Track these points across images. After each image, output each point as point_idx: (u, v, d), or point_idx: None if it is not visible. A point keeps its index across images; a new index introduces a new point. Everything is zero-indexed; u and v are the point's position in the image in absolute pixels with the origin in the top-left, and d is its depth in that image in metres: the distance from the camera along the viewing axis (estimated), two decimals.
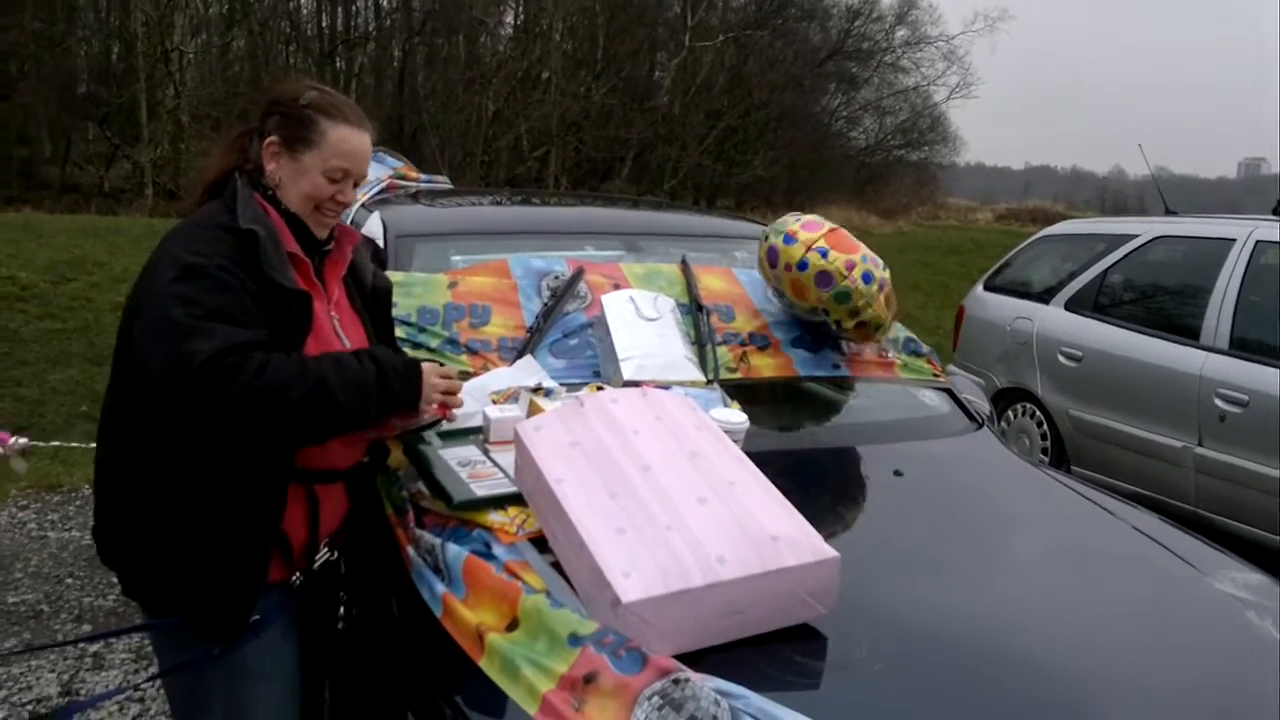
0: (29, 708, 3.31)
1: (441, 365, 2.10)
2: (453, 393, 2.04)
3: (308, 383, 1.75)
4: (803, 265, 2.80)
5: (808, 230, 2.85)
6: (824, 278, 2.79)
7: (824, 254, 2.79)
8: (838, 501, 2.48)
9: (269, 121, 1.96)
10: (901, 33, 38.31)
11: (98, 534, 1.93)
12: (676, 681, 1.49)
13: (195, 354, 1.65)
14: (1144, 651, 1.87)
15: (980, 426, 3.01)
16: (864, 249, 2.87)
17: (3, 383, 6.87)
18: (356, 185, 2.01)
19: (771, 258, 2.89)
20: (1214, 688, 1.79)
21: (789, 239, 2.85)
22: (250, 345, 1.71)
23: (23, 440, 2.51)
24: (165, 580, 1.84)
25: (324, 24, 29.45)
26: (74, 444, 3.91)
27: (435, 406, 2.02)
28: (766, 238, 2.93)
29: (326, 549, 2.06)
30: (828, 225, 2.88)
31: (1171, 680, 1.79)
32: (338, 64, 28.74)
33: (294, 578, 1.98)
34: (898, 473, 2.57)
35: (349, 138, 1.95)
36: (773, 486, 1.90)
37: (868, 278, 2.80)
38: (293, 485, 1.89)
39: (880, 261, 2.88)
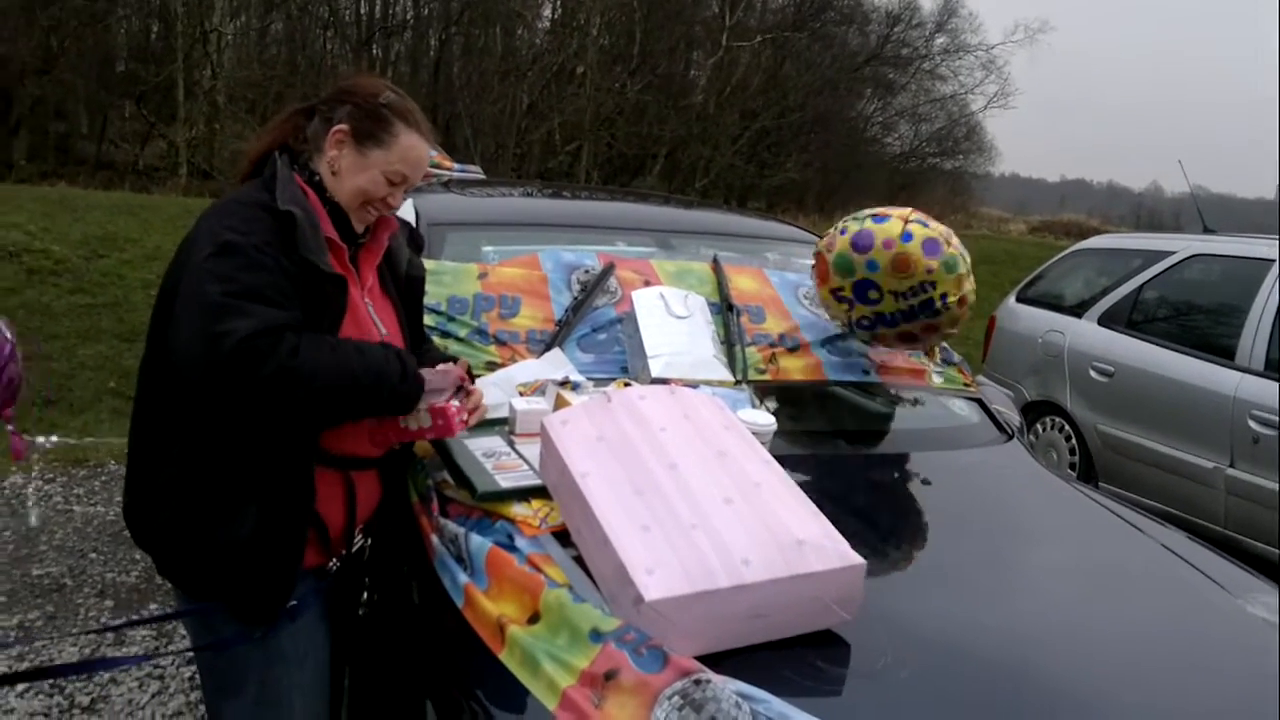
0: (50, 682, 3.32)
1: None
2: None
3: (338, 369, 1.75)
4: (906, 236, 2.67)
5: (891, 208, 2.78)
6: (931, 245, 2.68)
7: (924, 224, 2.71)
8: (864, 508, 2.46)
9: (340, 110, 1.95)
10: (941, 40, 38.20)
11: (130, 516, 1.93)
12: (698, 682, 1.47)
13: (230, 333, 1.65)
14: (1171, 673, 1.84)
15: (1010, 438, 2.97)
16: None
17: (33, 356, 6.92)
18: (406, 192, 2.02)
19: (863, 241, 2.73)
20: (1243, 713, 1.76)
21: (879, 218, 2.75)
22: (285, 327, 1.71)
23: (52, 439, 2.49)
24: (203, 564, 1.84)
25: (362, 11, 29.57)
26: (77, 440, 3.92)
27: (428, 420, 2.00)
28: (845, 229, 2.81)
29: (361, 535, 2.06)
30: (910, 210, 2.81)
31: (1198, 703, 1.76)
32: (374, 51, 28.87)
33: (331, 563, 1.98)
34: (925, 481, 2.54)
35: (417, 146, 1.96)
36: (799, 490, 1.88)
37: (963, 258, 2.75)
38: (330, 471, 1.89)
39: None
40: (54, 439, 2.57)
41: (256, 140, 2.04)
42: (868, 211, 2.81)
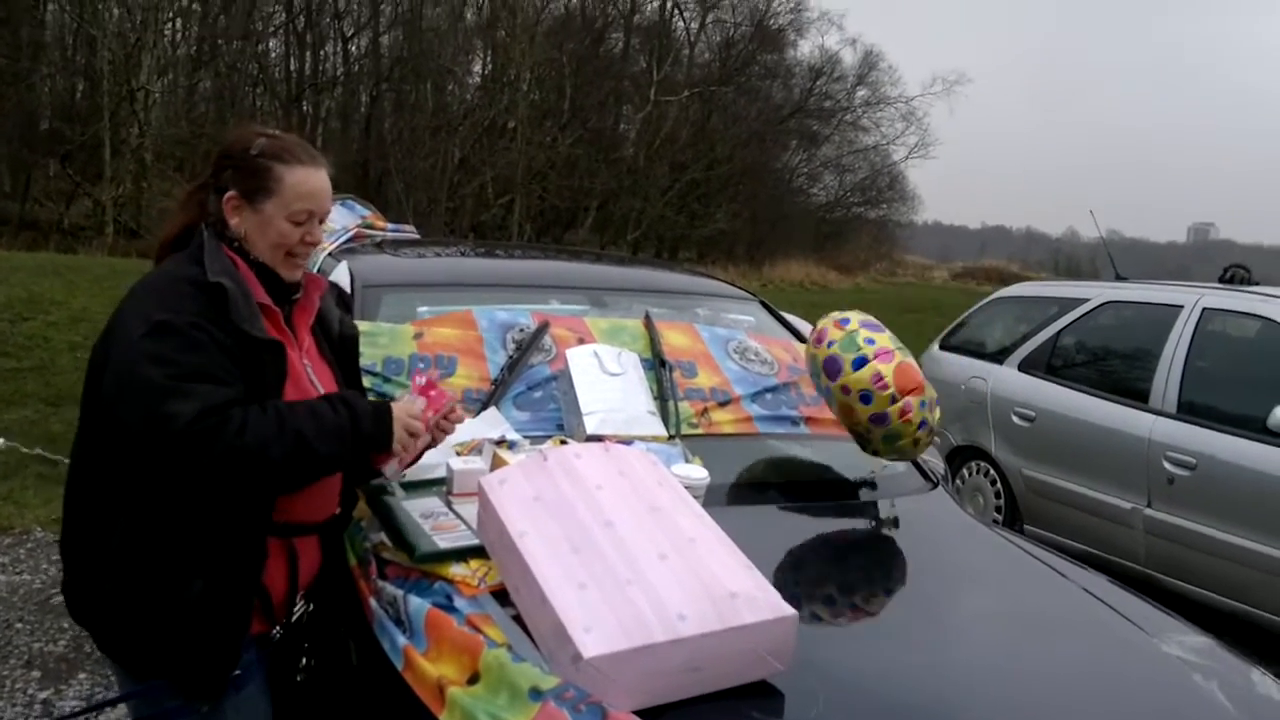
0: None
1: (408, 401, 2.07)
2: (415, 434, 2.02)
3: (287, 438, 1.76)
4: (865, 398, 2.69)
5: (881, 361, 2.71)
6: (880, 417, 2.71)
7: (890, 396, 2.68)
8: (796, 558, 2.52)
9: (223, 175, 1.95)
10: (862, 93, 39.20)
11: (69, 591, 1.92)
12: None
13: (176, 416, 1.67)
14: (1092, 713, 1.91)
15: (935, 486, 3.06)
16: (927, 390, 2.77)
17: None
18: (321, 222, 2.01)
19: (830, 368, 2.76)
20: None
21: (859, 362, 2.71)
22: (229, 403, 1.73)
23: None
24: (146, 636, 1.83)
25: (292, 68, 29.56)
26: (59, 457, 3.83)
27: (411, 443, 2.02)
28: (831, 343, 2.78)
29: (303, 601, 2.06)
30: (898, 354, 2.74)
31: None
32: (304, 108, 28.84)
33: (274, 631, 1.99)
34: (855, 530, 2.61)
35: (307, 179, 1.94)
36: (732, 543, 1.93)
37: (923, 425, 2.74)
38: (273, 540, 1.90)
39: (933, 399, 2.81)
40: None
41: (169, 224, 2.03)
42: (864, 345, 2.74)
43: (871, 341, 2.74)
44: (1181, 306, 5.37)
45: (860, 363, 2.71)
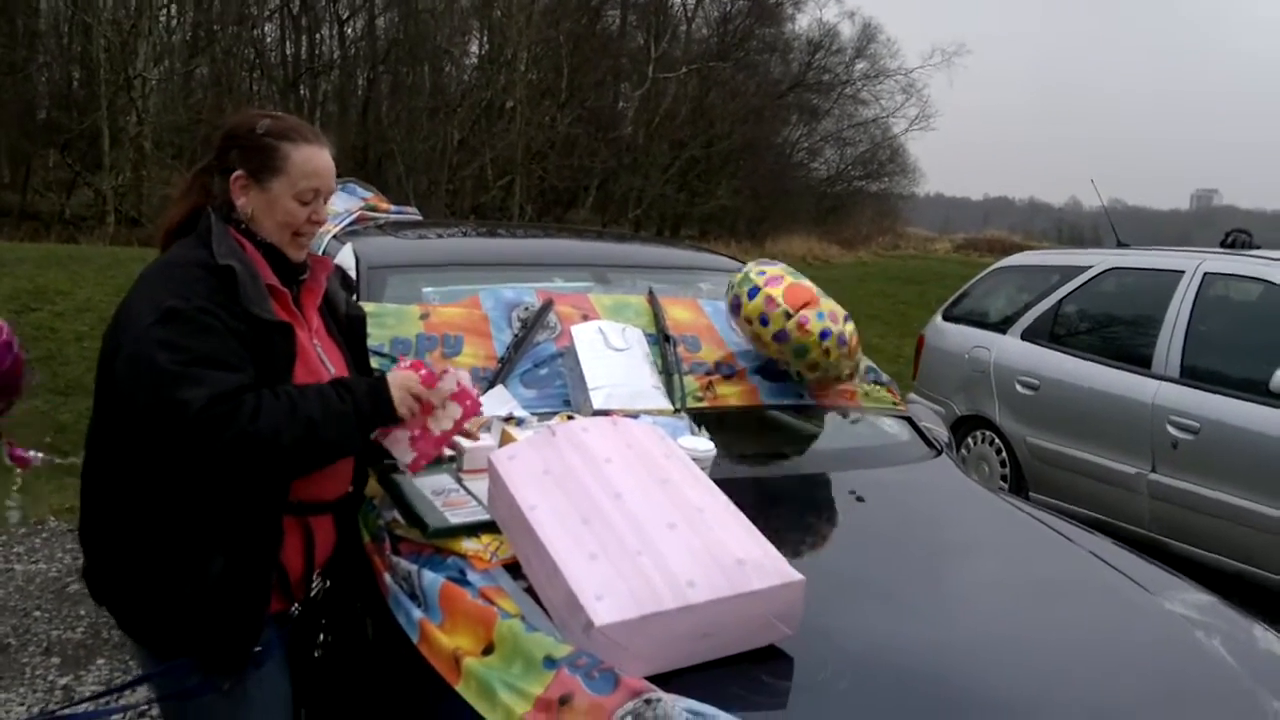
0: None
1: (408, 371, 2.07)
2: (418, 395, 2.03)
3: (299, 424, 1.79)
4: (763, 320, 2.89)
5: (771, 286, 2.92)
6: (781, 335, 2.88)
7: (783, 312, 2.87)
8: (802, 527, 2.55)
9: (230, 156, 1.97)
10: (861, 65, 38.94)
11: (90, 574, 1.95)
12: (649, 701, 1.54)
13: (188, 403, 1.70)
14: (1096, 672, 1.94)
15: (939, 454, 3.09)
16: (823, 302, 2.93)
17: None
18: (325, 201, 2.04)
19: (734, 307, 2.99)
20: (1163, 706, 1.87)
21: (752, 292, 2.93)
22: (241, 389, 1.76)
23: (40, 455, 2.50)
24: (168, 615, 1.86)
25: (288, 52, 29.44)
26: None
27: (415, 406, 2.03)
28: (731, 286, 3.02)
29: (320, 579, 2.10)
30: (788, 278, 2.95)
31: (1121, 699, 1.86)
32: (302, 92, 28.72)
33: (292, 608, 2.02)
34: (859, 498, 2.64)
35: (312, 157, 1.97)
36: (740, 512, 1.96)
37: (825, 334, 2.87)
38: (289, 518, 1.93)
39: (840, 314, 2.93)
40: (40, 455, 2.55)
41: (173, 210, 2.05)
42: (754, 276, 2.98)
43: (762, 273, 2.99)
44: (1183, 272, 5.38)
45: (753, 292, 2.93)
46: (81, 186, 22.52)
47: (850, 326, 2.95)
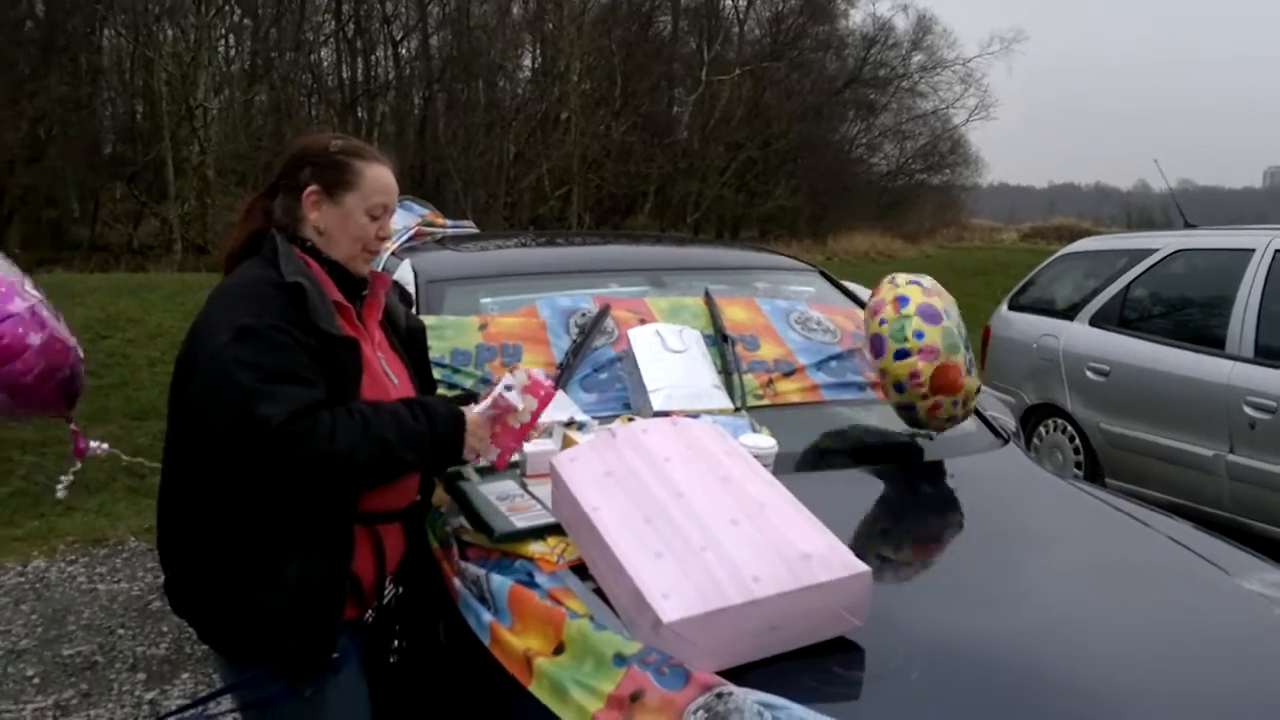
0: None
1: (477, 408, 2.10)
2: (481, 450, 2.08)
3: (373, 443, 1.83)
4: (898, 388, 2.78)
5: (923, 359, 2.73)
6: (908, 406, 2.80)
7: (922, 394, 2.74)
8: (867, 519, 2.54)
9: (302, 174, 2.03)
10: (918, 58, 38.69)
11: (171, 587, 2.00)
12: (720, 695, 1.54)
13: (268, 419, 1.74)
14: (1176, 654, 1.91)
15: (1006, 442, 3.05)
16: (965, 384, 2.78)
17: (46, 441, 7.00)
18: (389, 218, 2.11)
19: (876, 346, 2.82)
20: (1245, 685, 1.83)
21: (901, 354, 2.74)
22: (316, 405, 1.80)
23: (105, 446, 2.57)
24: (247, 624, 1.90)
25: (345, 75, 29.96)
26: (152, 462, 4.00)
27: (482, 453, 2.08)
28: (879, 318, 2.82)
29: (392, 585, 2.14)
30: (941, 354, 2.73)
31: (1203, 681, 1.83)
32: (359, 114, 29.20)
33: (366, 615, 2.06)
34: (927, 489, 2.62)
35: (382, 174, 2.05)
36: (803, 506, 1.96)
37: (950, 420, 2.82)
38: (359, 527, 1.97)
39: (971, 396, 2.83)
40: (106, 446, 2.64)
41: (234, 235, 2.11)
42: (911, 333, 2.76)
43: (920, 335, 2.73)
44: (1253, 250, 5.26)
45: (902, 355, 2.73)
46: (148, 217, 23.12)
47: (973, 404, 2.88)
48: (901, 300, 2.81)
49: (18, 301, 2.29)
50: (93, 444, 2.51)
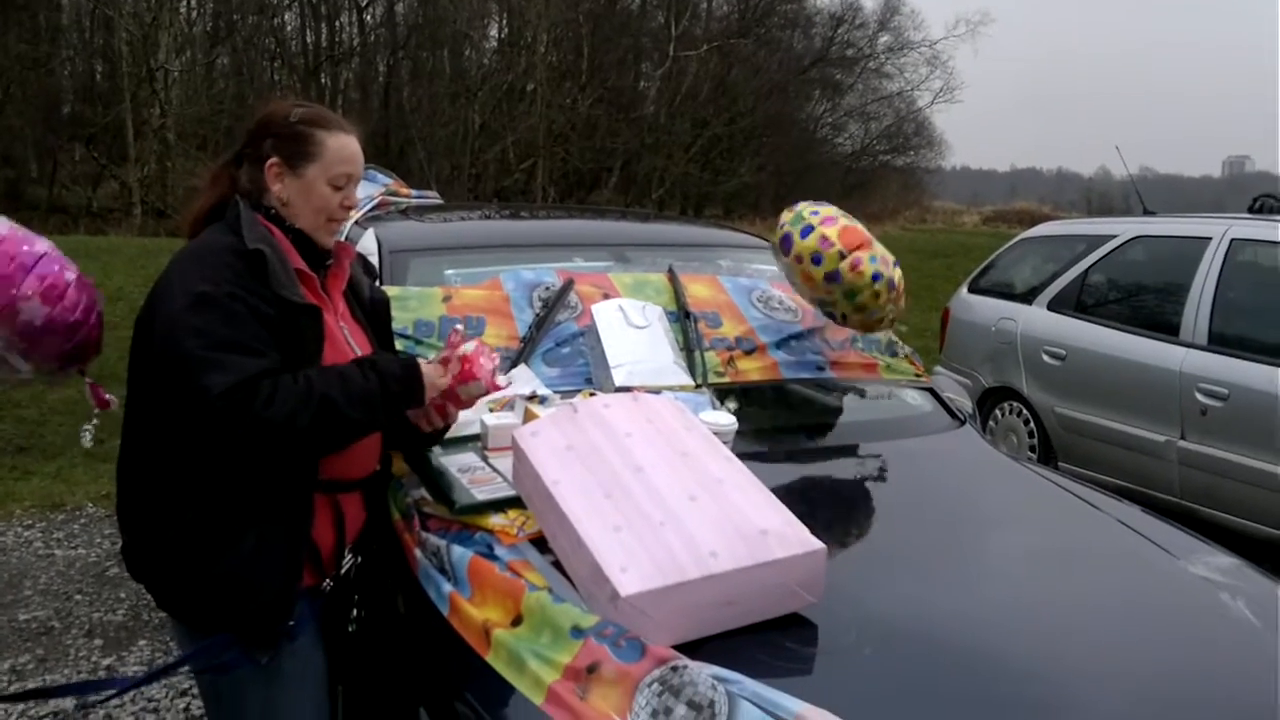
0: (46, 716, 3.37)
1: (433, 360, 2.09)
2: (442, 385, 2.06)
3: (314, 405, 1.81)
4: (815, 259, 2.85)
5: (826, 226, 2.89)
6: (834, 275, 2.84)
7: (838, 252, 2.84)
8: (824, 497, 2.57)
9: (264, 145, 2.01)
10: (884, 39, 38.67)
11: (128, 553, 2.00)
12: (675, 668, 1.57)
13: (208, 388, 1.73)
14: (1122, 636, 1.95)
15: (962, 424, 3.10)
16: (875, 246, 2.91)
17: (2, 405, 6.93)
18: (354, 187, 2.09)
19: (785, 245, 2.95)
20: (1187, 667, 1.88)
21: (806, 230, 2.89)
22: (260, 375, 1.78)
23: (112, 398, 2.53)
24: (203, 591, 1.90)
25: (308, 40, 29.52)
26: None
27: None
28: (783, 224, 2.98)
29: (351, 555, 2.14)
30: (842, 219, 2.92)
31: (1146, 661, 1.88)
32: (323, 80, 28.82)
33: (324, 584, 2.07)
34: (883, 469, 2.65)
35: (346, 144, 2.03)
36: (760, 483, 1.98)
37: (876, 277, 2.85)
38: (319, 496, 1.97)
39: (890, 259, 2.92)
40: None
41: (200, 201, 2.09)
42: (808, 215, 2.95)
43: (816, 213, 2.95)
44: (1210, 238, 5.34)
45: (807, 231, 2.89)
46: (107, 179, 22.74)
47: (899, 272, 2.95)
48: (791, 210, 3.03)
49: (40, 243, 2.27)
50: (109, 397, 2.49)
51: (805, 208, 2.99)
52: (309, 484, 1.94)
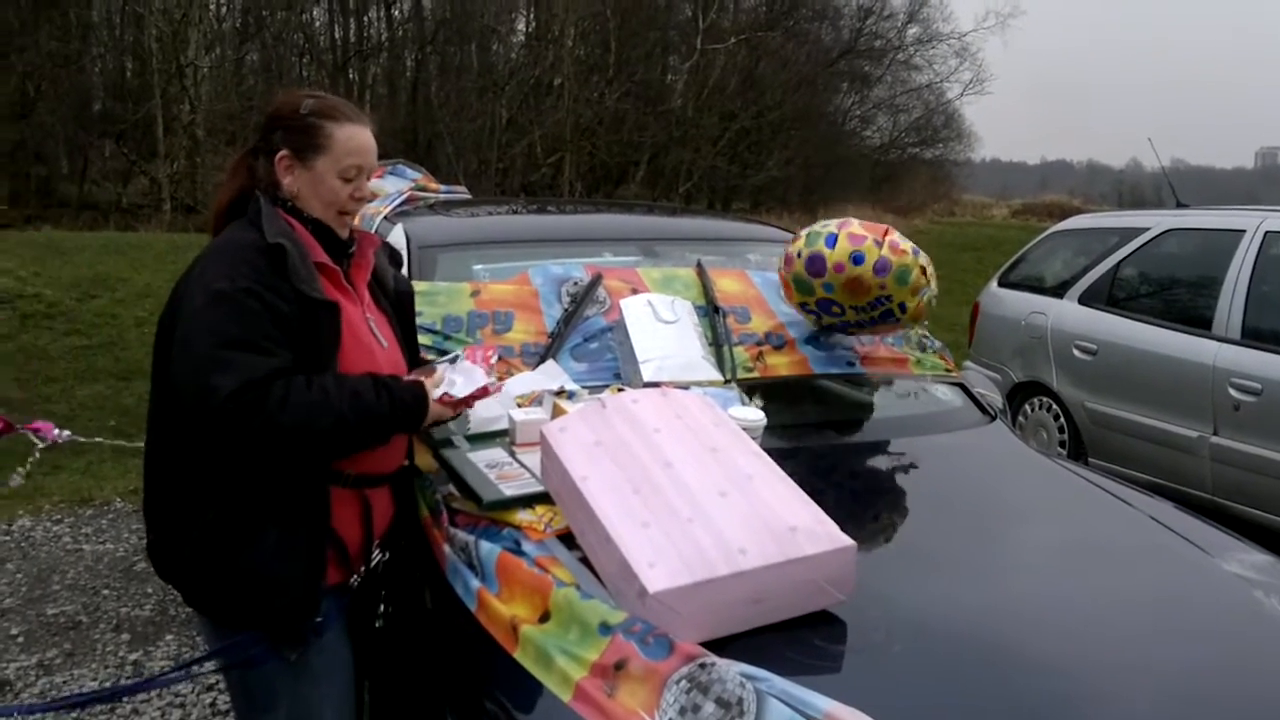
0: (74, 716, 3.40)
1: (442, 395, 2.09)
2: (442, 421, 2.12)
3: (328, 418, 1.82)
4: (856, 259, 2.78)
5: (844, 228, 2.84)
6: (881, 264, 2.77)
7: (874, 241, 2.80)
8: (853, 493, 2.56)
9: (274, 137, 2.01)
10: (913, 30, 38.39)
11: (153, 551, 2.00)
12: (703, 665, 1.56)
13: (218, 389, 1.73)
14: (1156, 633, 1.93)
15: (993, 419, 3.07)
16: (891, 230, 2.88)
17: (32, 399, 7.00)
18: (368, 178, 2.08)
19: (815, 266, 2.84)
20: (1220, 664, 1.85)
21: (830, 239, 2.83)
22: (271, 376, 1.78)
23: (65, 433, 2.57)
24: (227, 588, 1.91)
25: (337, 36, 29.62)
26: (111, 440, 3.98)
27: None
28: (799, 253, 2.89)
29: (379, 550, 2.15)
30: (854, 221, 2.89)
31: (1178, 658, 1.85)
32: (351, 75, 28.91)
33: (352, 579, 2.07)
34: (913, 465, 2.63)
35: (355, 135, 2.02)
36: (790, 480, 1.97)
37: (916, 252, 2.84)
38: (345, 491, 1.98)
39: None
40: (67, 433, 2.61)
41: (221, 194, 2.09)
42: (820, 228, 2.90)
43: (826, 223, 2.89)
44: (1244, 231, 5.28)
45: (831, 239, 2.82)
46: (137, 175, 22.89)
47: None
48: (804, 234, 2.95)
49: None
50: (55, 431, 2.50)
51: (813, 226, 2.94)
52: (325, 481, 1.94)
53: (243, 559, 1.87)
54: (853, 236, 2.80)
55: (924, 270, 2.82)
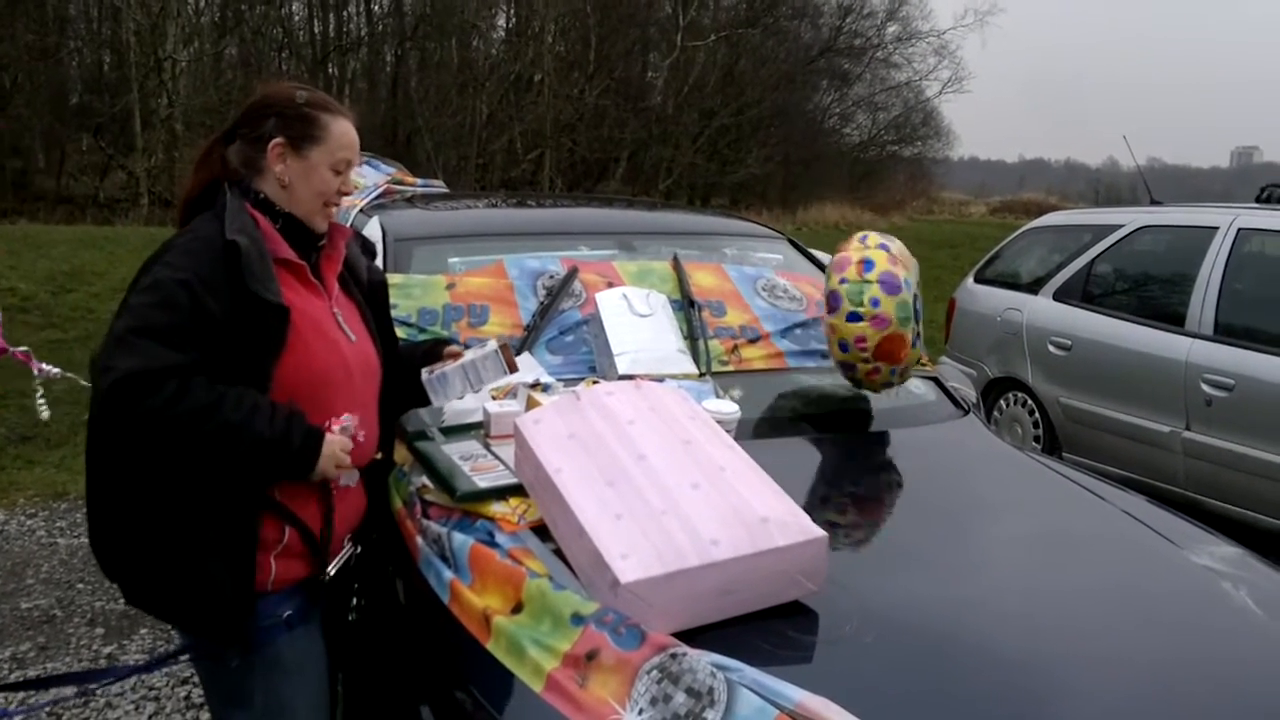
0: (47, 709, 3.38)
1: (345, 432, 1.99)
2: (344, 466, 1.98)
3: (215, 425, 1.76)
4: (842, 347, 2.84)
5: (872, 325, 2.78)
6: (848, 365, 2.88)
7: (865, 357, 2.81)
8: (827, 485, 2.57)
9: (267, 124, 1.98)
10: (892, 28, 38.55)
11: (95, 547, 1.98)
12: (674, 656, 1.57)
13: (110, 370, 1.71)
14: (1125, 625, 1.94)
15: (966, 413, 3.09)
16: (907, 359, 2.86)
17: (8, 393, 6.94)
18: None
19: (831, 302, 2.86)
20: (1189, 656, 1.87)
21: (852, 316, 2.80)
22: (171, 370, 1.73)
23: (55, 370, 2.52)
24: (162, 590, 1.90)
25: (316, 30, 29.45)
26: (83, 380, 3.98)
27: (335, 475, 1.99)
28: (839, 277, 2.85)
29: (351, 544, 2.13)
30: (893, 324, 2.77)
31: (1148, 650, 1.87)
32: (330, 70, 28.75)
33: (323, 574, 2.04)
34: (887, 457, 2.64)
35: (347, 129, 2.03)
36: (762, 471, 1.98)
37: (886, 385, 2.91)
38: (310, 484, 1.95)
39: (910, 364, 2.91)
40: (56, 369, 2.57)
41: (189, 182, 2.06)
42: (870, 297, 2.79)
43: (876, 303, 2.78)
44: (1217, 228, 5.32)
45: (854, 318, 2.78)
46: (115, 169, 22.71)
47: (910, 375, 3.05)
48: (866, 264, 2.83)
49: None
50: (44, 366, 2.47)
51: (872, 286, 2.79)
52: (248, 486, 1.90)
53: (174, 559, 1.85)
54: (859, 339, 2.80)
55: (873, 386, 2.94)
